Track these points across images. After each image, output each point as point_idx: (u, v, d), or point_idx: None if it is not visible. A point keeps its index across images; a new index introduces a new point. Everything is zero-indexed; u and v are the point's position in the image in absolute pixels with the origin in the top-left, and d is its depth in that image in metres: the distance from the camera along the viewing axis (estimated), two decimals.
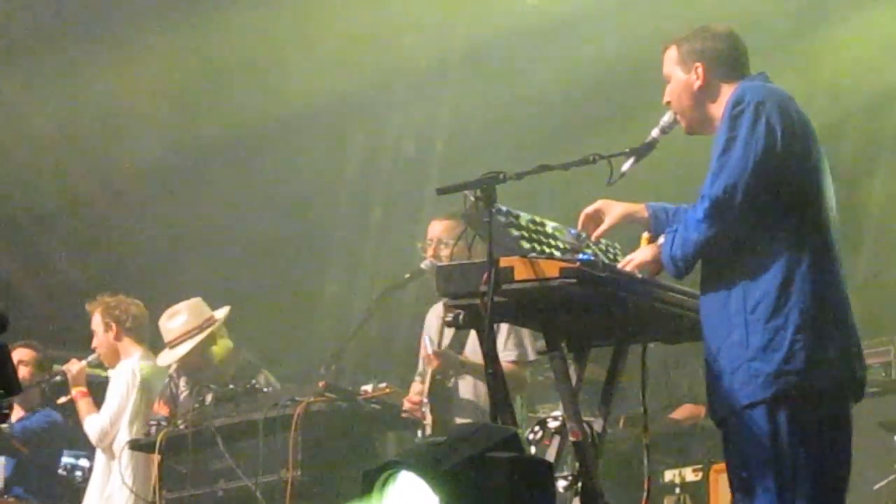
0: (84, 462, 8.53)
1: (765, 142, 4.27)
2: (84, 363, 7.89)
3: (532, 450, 4.96)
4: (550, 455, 4.82)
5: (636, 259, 4.51)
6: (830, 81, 8.63)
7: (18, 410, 8.50)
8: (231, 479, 6.62)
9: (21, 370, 8.36)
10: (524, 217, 4.58)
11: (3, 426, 7.89)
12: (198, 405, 6.88)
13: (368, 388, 6.70)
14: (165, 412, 7.21)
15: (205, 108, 9.46)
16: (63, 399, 8.21)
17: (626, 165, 4.66)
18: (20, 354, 8.44)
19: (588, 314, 4.56)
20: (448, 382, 6.46)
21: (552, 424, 4.99)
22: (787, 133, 4.31)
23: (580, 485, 4.61)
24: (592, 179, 4.75)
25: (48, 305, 9.64)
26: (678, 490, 6.98)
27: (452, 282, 4.47)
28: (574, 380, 4.72)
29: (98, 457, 7.76)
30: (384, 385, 6.73)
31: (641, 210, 4.71)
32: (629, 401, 7.02)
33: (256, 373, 7.45)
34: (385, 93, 9.82)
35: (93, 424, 7.63)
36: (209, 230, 9.87)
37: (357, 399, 6.66)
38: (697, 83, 4.55)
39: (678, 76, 4.59)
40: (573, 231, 4.68)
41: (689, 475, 7.00)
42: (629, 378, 4.99)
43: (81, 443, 7.90)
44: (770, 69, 4.64)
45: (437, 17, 9.18)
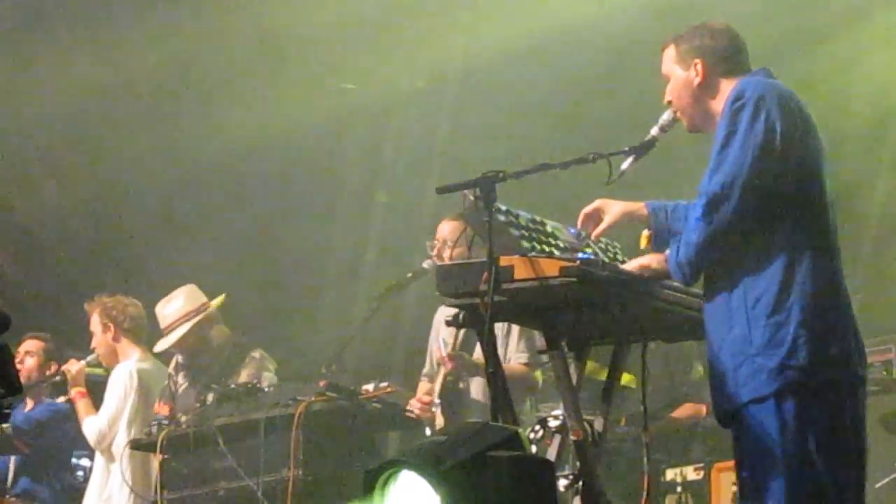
0: (85, 462, 8.52)
1: (764, 137, 4.26)
2: (83, 363, 7.89)
3: (533, 449, 4.96)
4: (551, 454, 4.83)
5: (640, 263, 4.50)
6: (831, 81, 8.62)
7: (29, 402, 8.51)
8: (232, 479, 6.62)
9: (28, 361, 8.39)
10: (524, 216, 4.58)
11: (5, 425, 7.88)
12: (199, 405, 6.89)
13: (370, 388, 6.69)
14: (166, 412, 7.20)
15: (208, 108, 9.46)
16: (62, 399, 8.22)
17: (626, 164, 4.66)
18: (28, 346, 8.45)
19: (588, 313, 4.56)
20: (461, 384, 6.47)
21: (553, 423, 4.99)
22: (788, 128, 4.29)
23: (581, 484, 4.62)
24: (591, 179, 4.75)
25: (47, 304, 9.61)
26: (679, 489, 6.97)
27: (452, 281, 4.48)
28: (574, 379, 4.72)
29: (97, 459, 7.76)
30: (386, 384, 6.73)
31: (641, 208, 4.70)
32: (630, 399, 7.02)
33: (251, 349, 7.46)
34: (386, 94, 9.82)
35: (91, 426, 7.63)
36: (210, 228, 9.86)
37: (358, 398, 6.65)
38: (697, 80, 4.54)
39: (678, 74, 4.59)
40: (573, 230, 4.68)
41: (691, 474, 6.98)
42: (629, 378, 5.00)
43: (83, 442, 7.88)
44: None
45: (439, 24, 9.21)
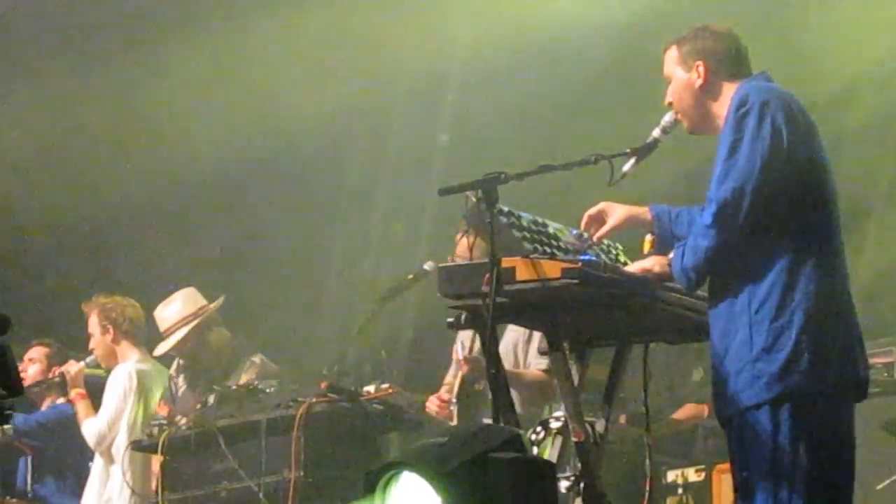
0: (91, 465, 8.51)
1: (771, 143, 4.26)
2: (82, 364, 7.88)
3: (534, 450, 4.96)
4: (553, 455, 4.82)
5: (642, 266, 4.50)
6: (831, 81, 8.61)
7: (43, 408, 8.50)
8: (234, 480, 6.62)
9: (31, 368, 8.38)
10: (526, 217, 4.58)
11: (6, 427, 7.87)
12: (200, 406, 6.89)
13: (371, 389, 6.70)
14: (165, 412, 7.21)
15: (206, 108, 9.46)
16: (62, 400, 8.21)
17: (627, 166, 4.65)
18: (32, 353, 8.44)
19: (590, 314, 4.56)
20: (479, 387, 6.47)
21: (554, 425, 4.99)
22: (793, 133, 4.30)
23: (582, 485, 4.62)
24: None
25: (47, 304, 9.60)
26: (681, 490, 6.97)
27: (454, 282, 4.48)
28: (576, 380, 4.72)
29: (96, 461, 7.74)
30: (387, 386, 6.74)
31: (645, 212, 4.70)
32: (631, 401, 7.02)
33: (251, 354, 7.46)
34: (388, 94, 9.80)
35: (90, 428, 7.62)
36: (209, 228, 9.85)
37: (360, 399, 6.65)
38: (699, 82, 4.54)
39: (679, 76, 4.59)
40: (575, 231, 4.68)
41: (692, 475, 6.98)
42: (630, 381, 5.00)
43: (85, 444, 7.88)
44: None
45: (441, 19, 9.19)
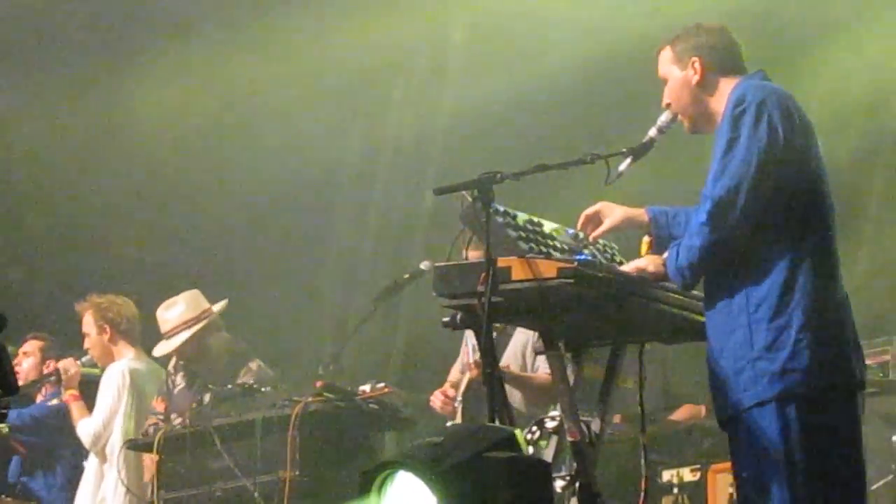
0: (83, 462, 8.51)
1: (767, 142, 4.26)
2: (78, 364, 7.86)
3: (530, 450, 4.96)
4: (548, 455, 4.82)
5: (637, 266, 4.50)
6: (832, 81, 8.62)
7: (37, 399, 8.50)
8: (229, 479, 6.62)
9: (25, 362, 8.37)
10: (521, 217, 4.57)
11: (2, 425, 7.87)
12: (196, 405, 6.88)
13: (367, 388, 6.69)
14: (162, 408, 7.20)
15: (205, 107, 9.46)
16: (55, 401, 8.19)
17: (624, 165, 4.65)
18: (26, 347, 8.43)
19: (586, 314, 4.55)
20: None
21: (550, 424, 4.99)
22: (789, 133, 4.30)
23: (578, 485, 4.62)
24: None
25: (46, 305, 9.60)
26: (676, 490, 6.96)
27: (450, 282, 4.47)
28: (572, 380, 4.72)
29: (90, 460, 7.73)
30: (382, 385, 6.73)
31: (641, 214, 4.69)
32: (627, 401, 7.01)
33: (248, 360, 7.45)
34: (383, 90, 9.80)
35: (85, 428, 7.60)
36: (207, 229, 9.85)
37: (355, 399, 6.65)
38: (695, 78, 4.54)
39: (675, 75, 4.58)
40: (571, 231, 4.67)
41: (688, 475, 6.98)
42: (624, 381, 4.99)
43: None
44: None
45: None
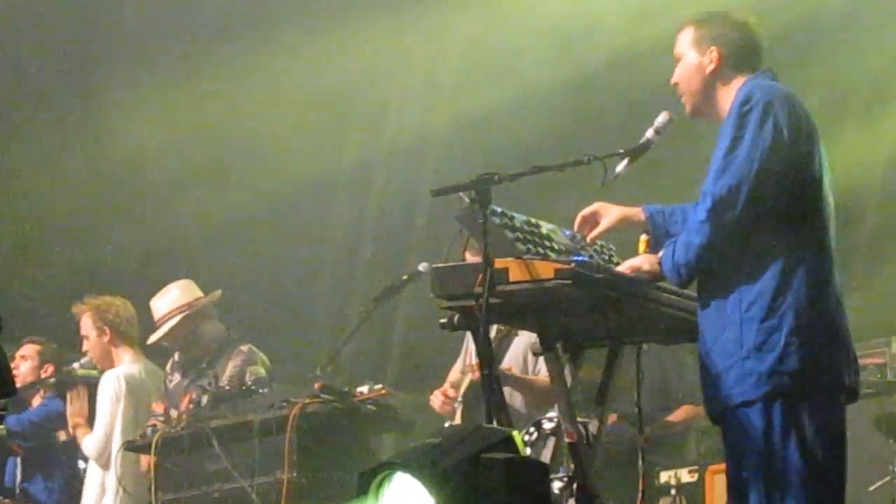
0: (81, 463, 8.50)
1: (771, 143, 4.27)
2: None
3: (527, 451, 4.96)
4: (546, 456, 4.83)
5: (632, 265, 4.50)
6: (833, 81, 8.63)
7: (33, 405, 8.47)
8: (227, 481, 6.62)
9: (23, 366, 8.36)
10: (519, 218, 4.58)
11: (0, 427, 7.86)
12: (193, 406, 6.88)
13: (364, 390, 6.69)
14: (161, 410, 7.20)
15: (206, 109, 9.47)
16: (52, 405, 8.21)
17: (620, 166, 4.66)
18: (24, 350, 8.42)
19: (583, 315, 4.56)
20: None
21: (547, 425, 5.00)
22: (794, 135, 4.31)
23: (575, 486, 4.62)
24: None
25: (46, 304, 9.61)
26: (674, 491, 6.98)
27: (448, 283, 4.47)
28: (569, 381, 4.72)
29: (91, 468, 7.71)
30: (380, 386, 6.73)
31: (638, 213, 4.70)
32: (625, 402, 7.01)
33: (239, 344, 7.45)
34: (381, 95, 9.81)
35: (89, 444, 7.59)
36: (205, 229, 9.85)
37: (353, 400, 6.65)
38: (710, 67, 4.54)
39: (690, 57, 4.58)
40: (568, 232, 4.68)
41: (685, 476, 6.99)
42: (622, 382, 4.99)
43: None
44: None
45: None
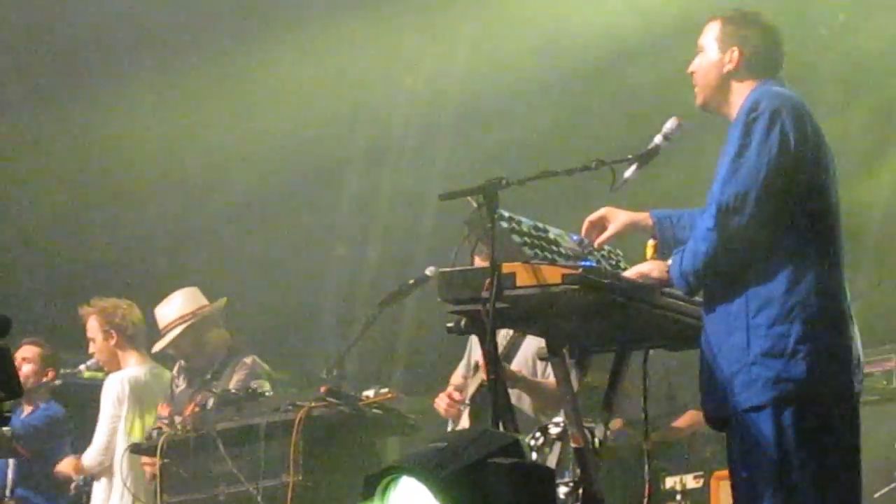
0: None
1: (778, 151, 4.28)
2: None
3: (533, 456, 4.96)
4: (551, 461, 4.82)
5: (640, 271, 4.50)
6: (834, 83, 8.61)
7: (26, 408, 8.46)
8: (232, 484, 6.60)
9: (25, 367, 8.36)
10: (526, 223, 4.58)
11: (5, 428, 7.86)
12: (199, 409, 6.88)
13: (370, 394, 6.68)
14: (166, 413, 7.20)
15: (206, 111, 9.47)
16: (52, 409, 8.25)
17: (629, 172, 4.66)
18: (24, 352, 8.42)
19: (590, 320, 4.56)
20: None
21: (553, 430, 4.99)
22: (801, 142, 4.31)
23: (581, 491, 4.62)
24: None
25: (47, 304, 9.62)
26: (679, 497, 6.97)
27: (455, 288, 4.47)
28: (575, 386, 4.72)
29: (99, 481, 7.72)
30: (386, 390, 6.73)
31: (646, 218, 4.71)
32: (631, 407, 7.01)
33: (244, 356, 7.45)
34: (387, 99, 9.80)
35: (89, 454, 7.60)
36: (210, 234, 9.86)
37: (359, 404, 6.65)
38: (729, 67, 4.55)
39: (712, 53, 4.59)
40: (575, 237, 4.68)
41: (691, 482, 6.98)
42: (628, 388, 4.99)
43: (84, 444, 7.87)
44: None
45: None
